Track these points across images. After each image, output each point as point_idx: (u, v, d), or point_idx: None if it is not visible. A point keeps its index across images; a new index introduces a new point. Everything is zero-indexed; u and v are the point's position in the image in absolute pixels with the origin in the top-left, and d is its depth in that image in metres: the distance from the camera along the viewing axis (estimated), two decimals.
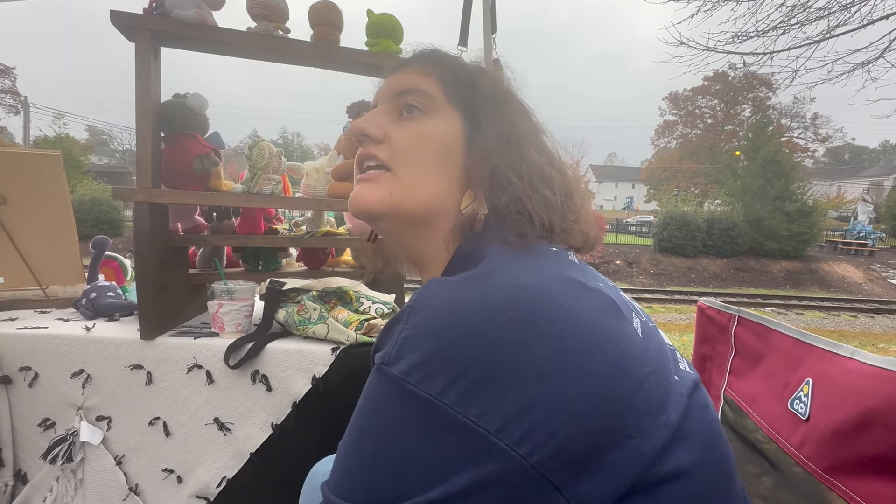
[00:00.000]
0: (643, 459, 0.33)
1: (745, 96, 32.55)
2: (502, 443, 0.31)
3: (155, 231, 0.99)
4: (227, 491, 0.98)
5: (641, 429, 0.33)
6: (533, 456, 0.31)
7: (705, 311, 0.79)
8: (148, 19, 0.93)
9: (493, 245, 0.43)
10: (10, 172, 1.18)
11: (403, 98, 0.50)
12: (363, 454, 0.35)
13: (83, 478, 0.98)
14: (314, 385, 0.95)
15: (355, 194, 0.50)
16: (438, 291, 0.37)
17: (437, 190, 0.48)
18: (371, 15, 1.14)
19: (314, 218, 1.32)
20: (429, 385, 0.32)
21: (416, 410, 0.33)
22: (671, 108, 36.05)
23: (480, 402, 0.31)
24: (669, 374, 0.38)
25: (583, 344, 0.33)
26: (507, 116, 0.50)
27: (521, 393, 0.32)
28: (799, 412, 0.51)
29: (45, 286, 1.26)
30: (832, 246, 16.78)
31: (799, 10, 4.29)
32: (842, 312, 8.36)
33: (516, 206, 0.45)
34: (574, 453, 0.32)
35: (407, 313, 0.37)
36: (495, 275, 0.38)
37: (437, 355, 0.33)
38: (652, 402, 0.35)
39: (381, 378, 0.36)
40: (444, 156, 0.49)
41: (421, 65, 0.53)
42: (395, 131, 0.49)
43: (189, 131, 1.07)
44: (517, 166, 0.47)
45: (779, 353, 0.60)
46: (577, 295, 0.37)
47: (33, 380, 0.97)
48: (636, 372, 0.35)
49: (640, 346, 0.37)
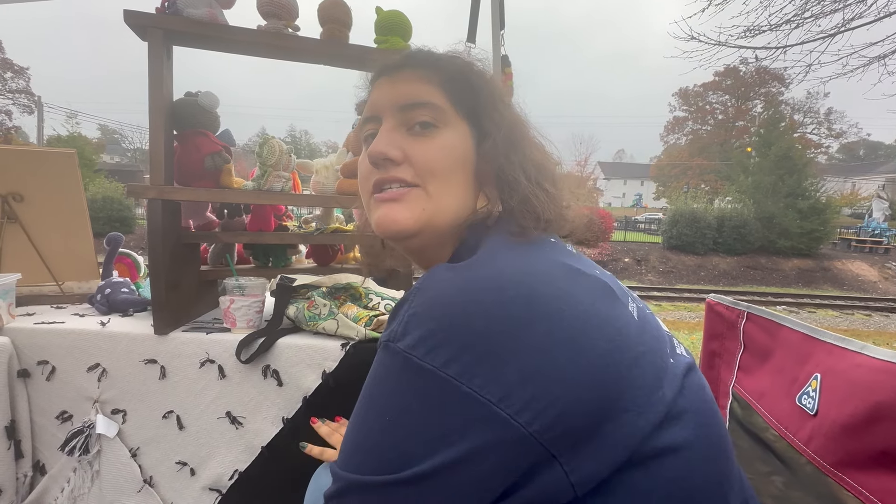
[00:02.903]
0: (638, 433, 0.35)
1: (756, 91, 32.10)
2: (503, 412, 0.33)
3: (168, 228, 1.01)
4: (238, 483, 1.00)
5: (637, 403, 0.35)
6: (532, 425, 0.33)
7: (714, 307, 0.78)
8: (160, 18, 0.95)
9: (497, 235, 0.45)
10: (27, 171, 1.20)
11: (413, 112, 0.50)
12: (370, 429, 0.37)
13: (99, 469, 1.00)
14: (324, 380, 0.97)
15: (385, 215, 0.49)
16: (444, 274, 0.38)
17: (461, 200, 0.50)
18: (380, 12, 1.14)
19: (323, 215, 1.33)
20: (433, 357, 0.34)
21: (421, 382, 0.35)
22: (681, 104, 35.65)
23: (482, 374, 0.33)
24: (665, 356, 0.39)
25: (580, 321, 0.35)
26: (505, 117, 0.52)
27: (522, 365, 0.33)
28: (807, 407, 0.51)
29: (60, 282, 1.29)
30: (846, 243, 16.51)
31: (813, 2, 4.22)
32: (855, 311, 8.24)
33: (525, 206, 0.47)
34: (572, 424, 0.33)
35: (413, 294, 0.38)
36: (496, 259, 0.40)
37: (441, 329, 0.35)
38: (647, 378, 0.36)
39: (387, 354, 0.37)
40: (462, 166, 0.50)
41: (419, 70, 0.52)
42: (415, 149, 0.49)
43: (201, 129, 1.09)
44: (523, 165, 0.49)
45: (787, 349, 0.60)
46: (574, 278, 0.39)
47: (51, 373, 0.99)
48: (632, 349, 0.36)
49: (635, 327, 0.39)
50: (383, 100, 0.52)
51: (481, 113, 0.51)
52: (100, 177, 16.28)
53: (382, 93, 0.52)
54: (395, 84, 0.52)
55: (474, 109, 0.51)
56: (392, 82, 0.52)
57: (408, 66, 0.52)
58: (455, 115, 0.51)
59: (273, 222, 1.25)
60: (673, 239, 13.87)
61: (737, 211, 14.70)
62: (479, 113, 0.51)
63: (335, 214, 1.37)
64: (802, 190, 14.69)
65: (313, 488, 0.74)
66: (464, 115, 0.51)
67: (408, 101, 0.50)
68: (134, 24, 0.93)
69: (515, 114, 0.54)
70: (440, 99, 0.50)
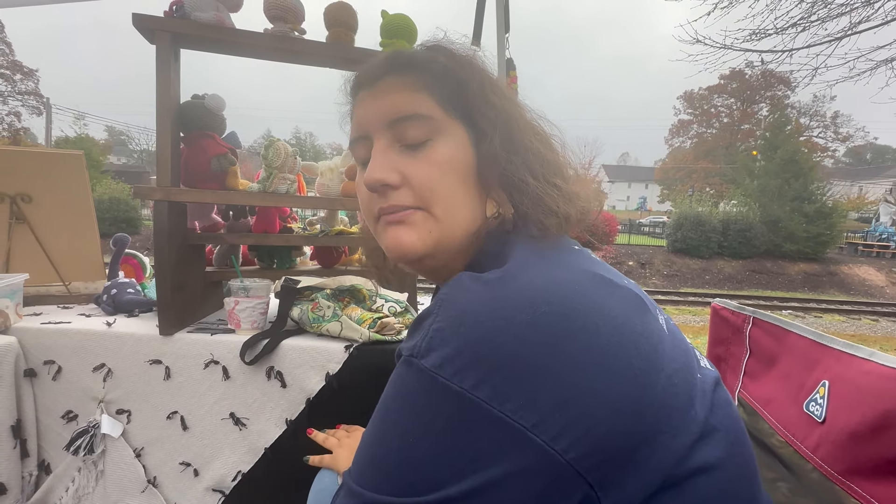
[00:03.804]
0: (673, 455, 0.33)
1: (762, 95, 31.96)
2: (538, 438, 0.31)
3: (174, 229, 1.01)
4: (241, 484, 1.00)
5: (672, 424, 0.34)
6: (569, 452, 0.31)
7: (719, 311, 0.78)
8: (168, 22, 0.96)
9: (520, 243, 0.42)
10: (35, 171, 1.21)
11: (403, 126, 0.46)
12: (390, 447, 0.35)
13: (104, 469, 1.01)
14: (328, 382, 0.97)
15: (392, 239, 0.46)
16: (471, 286, 0.36)
17: (468, 212, 0.47)
18: (385, 15, 1.15)
19: (328, 217, 1.33)
20: (461, 378, 0.32)
21: (449, 404, 0.33)
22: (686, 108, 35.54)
23: (516, 397, 0.31)
24: (694, 371, 0.38)
25: (616, 338, 0.33)
26: (500, 110, 0.48)
27: (557, 388, 0.31)
28: (815, 414, 0.51)
29: (67, 282, 1.30)
30: (853, 248, 16.39)
31: (820, 6, 4.20)
32: (862, 316, 8.15)
33: (539, 206, 0.45)
34: (609, 450, 0.32)
35: (438, 306, 0.36)
36: (527, 270, 0.37)
37: (470, 349, 0.33)
38: (681, 398, 0.35)
39: (410, 370, 0.35)
40: (464, 175, 0.46)
41: (401, 76, 0.48)
42: (412, 170, 0.46)
43: (207, 131, 1.10)
44: (527, 163, 0.46)
45: (794, 355, 0.59)
46: (606, 290, 0.36)
47: (57, 373, 1.00)
48: (667, 368, 0.35)
49: (668, 342, 0.37)
50: (369, 117, 0.48)
51: (475, 110, 0.47)
52: (106, 178, 16.39)
53: (367, 108, 0.49)
54: (378, 97, 0.48)
55: (467, 107, 0.47)
56: (375, 95, 0.48)
57: (389, 74, 0.48)
58: (448, 119, 0.47)
59: (278, 224, 1.25)
60: (677, 242, 13.80)
61: (742, 214, 14.62)
62: (472, 110, 0.47)
63: (339, 216, 1.37)
64: (809, 194, 14.60)
65: (316, 490, 0.75)
66: (457, 115, 0.47)
67: (396, 115, 0.46)
68: (142, 27, 0.94)
69: (510, 101, 0.50)
70: (429, 106, 0.46)
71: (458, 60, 0.49)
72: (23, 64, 21.44)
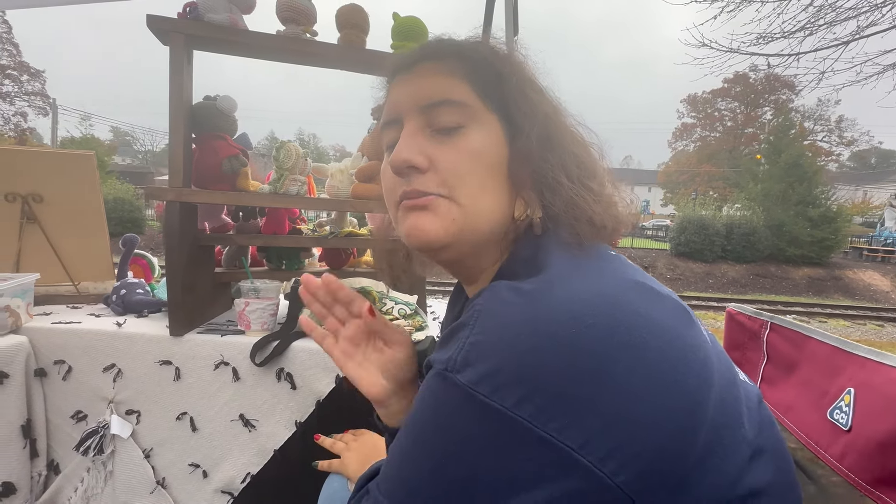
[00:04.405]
0: (726, 478, 0.32)
1: (766, 99, 31.88)
2: (585, 459, 0.29)
3: (185, 230, 1.01)
4: (251, 487, 0.99)
5: (723, 444, 0.32)
6: (619, 475, 0.29)
7: (735, 316, 0.77)
8: (182, 23, 0.96)
9: (554, 249, 0.40)
10: (46, 172, 1.22)
11: (437, 112, 0.44)
12: (423, 466, 0.33)
13: (112, 470, 1.00)
14: (338, 384, 0.96)
15: (413, 225, 0.44)
16: (509, 297, 0.34)
17: (495, 206, 0.44)
18: (396, 18, 1.15)
19: (337, 218, 1.33)
20: (502, 397, 0.30)
21: (488, 423, 0.31)
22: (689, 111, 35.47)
23: (560, 416, 0.29)
24: (738, 386, 0.36)
25: (665, 353, 0.31)
26: (538, 107, 0.46)
27: (604, 406, 0.29)
28: (840, 422, 0.50)
29: (77, 282, 1.30)
30: (857, 252, 16.33)
31: (827, 9, 4.19)
32: (867, 321, 8.11)
33: (572, 210, 0.42)
34: (662, 472, 0.30)
35: (474, 318, 0.34)
36: (568, 280, 0.35)
37: (510, 365, 0.31)
38: (731, 415, 0.33)
39: (443, 385, 0.33)
40: (494, 168, 0.44)
41: (440, 62, 0.46)
42: (440, 155, 0.44)
43: (219, 132, 1.10)
44: (562, 163, 0.44)
45: (816, 361, 0.58)
46: (651, 300, 0.34)
47: (67, 373, 1.00)
48: (717, 383, 0.33)
49: (714, 355, 0.35)
50: (403, 100, 0.47)
51: (511, 104, 0.45)
52: (111, 178, 16.45)
53: (401, 92, 0.47)
54: (414, 81, 0.46)
55: (504, 101, 0.45)
56: (411, 79, 0.47)
57: (427, 59, 0.47)
58: (483, 109, 0.45)
59: (287, 225, 1.25)
60: (681, 246, 13.76)
61: (746, 218, 14.56)
62: (509, 104, 0.45)
63: (349, 218, 1.37)
64: (813, 198, 14.54)
65: (326, 495, 0.74)
66: (493, 108, 0.45)
67: (430, 99, 0.44)
68: (156, 28, 0.94)
69: (549, 101, 0.48)
70: (466, 93, 0.45)
71: (499, 55, 0.48)
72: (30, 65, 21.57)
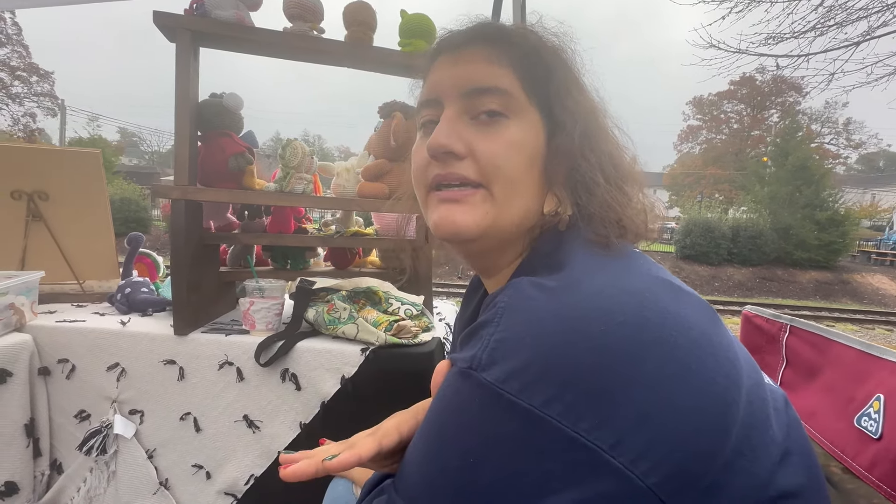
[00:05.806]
0: (756, 480, 0.31)
1: (773, 101, 31.65)
2: (616, 461, 0.28)
3: (190, 228, 1.00)
4: (254, 488, 0.98)
5: (752, 445, 0.31)
6: (650, 477, 0.28)
7: (752, 319, 0.75)
8: (188, 20, 0.95)
9: (578, 246, 0.39)
10: (53, 170, 1.21)
11: (480, 99, 0.44)
12: (447, 467, 0.32)
13: (115, 470, 0.99)
14: (343, 385, 0.95)
15: (445, 217, 0.44)
16: (534, 293, 0.33)
17: (528, 202, 0.44)
18: (404, 15, 1.14)
19: (343, 218, 1.32)
20: (530, 395, 0.29)
21: (515, 422, 0.30)
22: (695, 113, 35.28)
23: (591, 415, 0.29)
24: (764, 387, 0.35)
25: (695, 350, 0.31)
26: (581, 105, 0.45)
27: (635, 406, 0.29)
28: (868, 430, 0.48)
29: (81, 280, 1.29)
30: (865, 256, 16.16)
31: (838, 10, 4.15)
32: (876, 326, 8.01)
33: (606, 211, 0.42)
34: (693, 474, 0.29)
35: (499, 315, 0.33)
36: (593, 277, 0.34)
37: (538, 362, 0.30)
38: (758, 416, 0.32)
39: (468, 383, 0.32)
40: (531, 162, 0.44)
41: (487, 47, 0.45)
42: (480, 143, 0.43)
43: (225, 130, 1.09)
44: (601, 164, 0.43)
45: (840, 366, 0.56)
46: (678, 297, 0.34)
47: (71, 372, 0.99)
48: (745, 382, 0.32)
49: (741, 354, 0.34)
50: (446, 82, 0.46)
51: (555, 100, 0.44)
52: (118, 178, 16.56)
53: (444, 74, 0.46)
54: (458, 64, 0.45)
55: (548, 96, 0.45)
56: (455, 62, 0.46)
57: (474, 43, 0.46)
58: (526, 102, 0.44)
59: (293, 225, 1.24)
60: (686, 248, 13.67)
61: (752, 221, 14.45)
62: (552, 100, 0.44)
63: (355, 217, 1.36)
64: (820, 201, 14.40)
65: (330, 498, 0.73)
66: (536, 102, 0.44)
67: (474, 85, 0.44)
68: (163, 25, 0.93)
69: (592, 100, 0.47)
70: (511, 83, 0.44)
71: (546, 46, 0.47)
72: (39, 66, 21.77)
